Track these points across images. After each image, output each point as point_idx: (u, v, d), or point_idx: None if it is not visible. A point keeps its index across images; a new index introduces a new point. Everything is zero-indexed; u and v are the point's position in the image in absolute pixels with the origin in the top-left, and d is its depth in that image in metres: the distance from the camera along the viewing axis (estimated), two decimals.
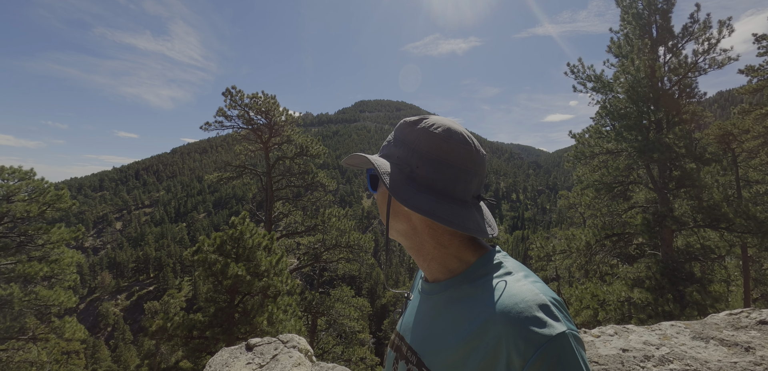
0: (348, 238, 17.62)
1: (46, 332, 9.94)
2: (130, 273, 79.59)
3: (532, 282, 0.63)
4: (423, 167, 0.70)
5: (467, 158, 0.71)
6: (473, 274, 0.69)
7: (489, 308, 0.61)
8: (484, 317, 0.60)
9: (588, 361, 0.59)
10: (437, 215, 0.67)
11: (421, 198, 0.69)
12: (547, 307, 0.57)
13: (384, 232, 0.78)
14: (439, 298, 0.73)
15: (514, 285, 0.62)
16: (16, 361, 9.16)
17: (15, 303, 9.24)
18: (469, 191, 0.71)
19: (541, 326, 0.55)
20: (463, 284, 0.69)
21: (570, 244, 10.35)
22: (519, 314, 0.57)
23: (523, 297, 0.59)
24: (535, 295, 0.59)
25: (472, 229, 0.67)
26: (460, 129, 0.73)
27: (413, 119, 0.76)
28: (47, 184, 10.81)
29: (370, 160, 0.74)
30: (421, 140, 0.71)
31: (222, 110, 13.18)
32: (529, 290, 0.60)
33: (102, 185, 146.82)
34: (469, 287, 0.68)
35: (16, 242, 10.13)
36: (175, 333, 8.58)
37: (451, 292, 0.71)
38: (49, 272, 10.04)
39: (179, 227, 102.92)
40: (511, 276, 0.65)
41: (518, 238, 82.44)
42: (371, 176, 0.81)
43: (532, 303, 0.57)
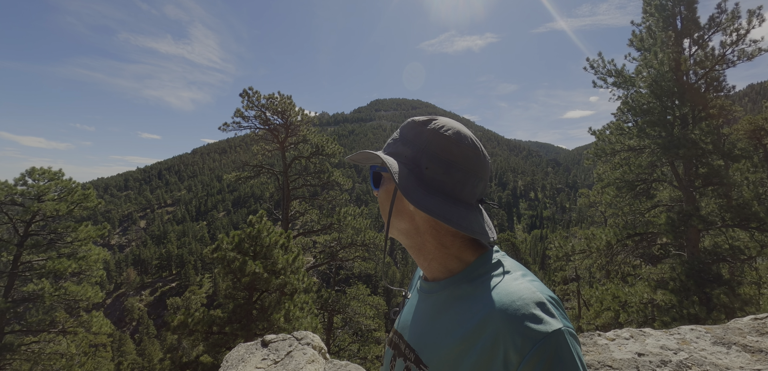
0: (363, 237, 17.70)
1: (74, 325, 10.37)
2: (153, 270, 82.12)
3: (529, 280, 0.64)
4: (432, 169, 0.71)
5: (475, 161, 0.72)
6: (472, 273, 0.70)
7: (487, 306, 0.62)
8: (481, 314, 0.61)
9: (584, 359, 0.60)
10: (448, 218, 0.68)
11: (432, 200, 0.69)
12: (543, 304, 0.58)
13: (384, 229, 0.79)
14: (438, 297, 0.74)
15: (512, 284, 0.63)
16: (48, 353, 9.60)
17: (46, 298, 9.67)
18: (475, 194, 0.73)
19: (538, 323, 0.56)
20: (462, 283, 0.70)
21: (590, 243, 10.10)
22: (516, 311, 0.58)
23: (521, 295, 0.60)
24: (532, 293, 0.60)
25: (478, 232, 0.69)
26: (468, 133, 0.75)
27: (422, 118, 0.76)
28: (75, 184, 11.26)
29: (383, 158, 0.74)
30: (431, 141, 0.72)
31: (239, 110, 13.44)
32: (526, 288, 0.61)
33: (127, 184, 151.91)
34: (468, 286, 0.69)
35: (46, 239, 10.60)
36: (195, 328, 8.81)
37: (450, 291, 0.72)
38: (77, 269, 10.47)
39: (200, 225, 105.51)
40: (509, 275, 0.66)
41: (536, 237, 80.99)
42: (374, 174, 0.81)
43: (529, 301, 0.59)
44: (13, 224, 10.23)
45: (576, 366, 0.54)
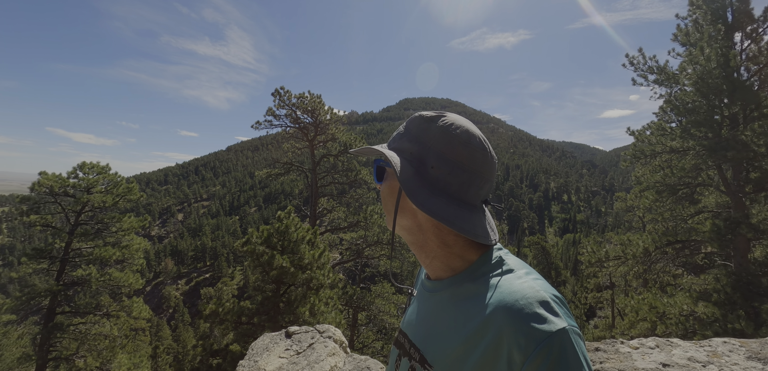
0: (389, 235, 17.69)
1: (117, 310, 11.07)
2: (189, 261, 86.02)
3: (532, 279, 0.63)
4: (438, 168, 0.70)
5: (483, 163, 0.70)
6: (475, 272, 0.70)
7: (490, 305, 0.61)
8: (485, 313, 0.61)
9: (590, 358, 0.59)
10: (451, 220, 0.67)
11: (435, 202, 0.68)
12: (547, 303, 0.58)
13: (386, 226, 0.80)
14: (441, 296, 0.73)
15: (515, 282, 0.62)
16: (93, 334, 10.32)
17: (93, 283, 10.39)
18: (480, 196, 0.72)
19: (542, 322, 0.56)
20: (465, 282, 0.70)
21: (626, 250, 9.62)
22: (520, 310, 0.57)
23: (524, 294, 0.59)
24: (535, 292, 0.59)
25: (481, 236, 0.68)
26: (477, 131, 0.73)
27: (430, 114, 0.75)
28: (120, 178, 12.01)
29: (386, 154, 0.73)
30: (439, 140, 0.71)
31: (271, 109, 13.82)
32: (530, 287, 0.61)
33: (167, 179, 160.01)
34: (471, 285, 0.68)
35: (94, 228, 11.37)
36: (225, 317, 9.18)
37: (453, 290, 0.71)
38: (120, 257, 11.16)
39: (233, 219, 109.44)
40: (513, 274, 0.65)
41: (569, 241, 77.96)
42: (378, 168, 0.80)
43: (532, 300, 0.58)
44: (66, 214, 11.04)
45: (580, 365, 0.54)
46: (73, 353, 10.08)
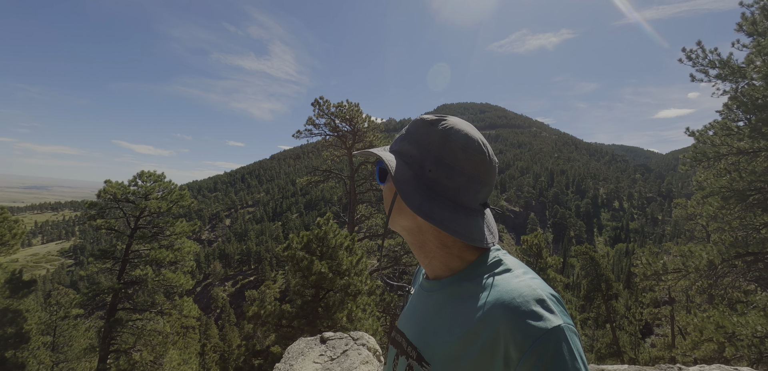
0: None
1: (170, 308, 11.83)
2: (235, 264, 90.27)
3: (530, 278, 0.65)
4: (435, 172, 0.71)
5: (480, 167, 0.72)
6: (473, 272, 0.71)
7: (488, 303, 0.63)
8: (482, 311, 0.62)
9: (585, 355, 0.60)
10: (445, 225, 0.69)
11: (430, 206, 0.70)
12: (543, 301, 0.59)
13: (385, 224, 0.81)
14: (440, 295, 0.74)
15: (513, 281, 0.64)
16: (148, 329, 11.09)
17: (149, 282, 11.18)
18: (477, 199, 0.73)
19: (538, 319, 0.57)
20: (463, 281, 0.71)
21: (687, 262, 8.80)
22: (516, 308, 0.59)
23: (521, 292, 0.61)
24: (532, 290, 0.61)
25: (476, 240, 0.70)
26: (477, 135, 0.74)
27: (431, 117, 0.76)
28: (174, 186, 12.87)
29: (383, 157, 0.75)
30: (437, 144, 0.72)
31: (311, 119, 14.23)
32: (527, 285, 0.62)
33: (216, 186, 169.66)
34: (470, 284, 0.69)
35: (151, 232, 12.26)
36: (267, 320, 9.49)
37: (451, 289, 0.73)
38: (173, 259, 11.93)
39: (276, 225, 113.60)
40: (510, 273, 0.67)
41: (621, 252, 72.77)
42: (380, 170, 0.82)
43: (529, 298, 0.60)
44: (127, 218, 12.01)
45: (575, 362, 0.55)
46: (131, 347, 10.90)
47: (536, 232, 15.44)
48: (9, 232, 8.88)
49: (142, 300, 11.65)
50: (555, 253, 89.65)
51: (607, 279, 21.45)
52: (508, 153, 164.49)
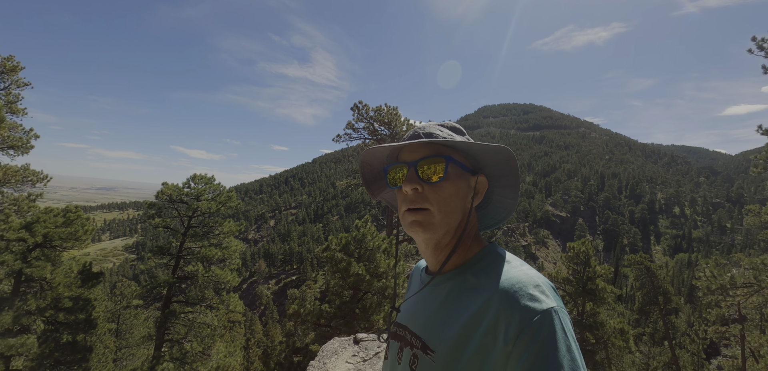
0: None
1: (218, 303, 12.52)
2: (279, 263, 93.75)
3: (527, 268, 0.73)
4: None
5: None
6: (475, 264, 0.78)
7: (489, 290, 0.69)
8: (484, 298, 0.69)
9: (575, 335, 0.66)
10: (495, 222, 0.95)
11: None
12: (539, 287, 0.67)
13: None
14: (444, 288, 0.80)
15: (511, 271, 0.71)
16: (198, 322, 11.83)
17: (199, 278, 11.92)
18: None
19: (534, 301, 0.64)
20: (467, 273, 0.77)
21: (760, 276, 7.95)
22: (515, 292, 0.66)
23: (519, 279, 0.68)
24: (529, 277, 0.69)
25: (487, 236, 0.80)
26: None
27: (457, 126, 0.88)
28: (222, 188, 13.65)
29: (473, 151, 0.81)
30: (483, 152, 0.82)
31: (350, 123, 14.50)
32: (525, 273, 0.70)
33: (261, 189, 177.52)
34: (473, 276, 0.76)
35: (201, 231, 13.07)
36: (306, 318, 9.77)
37: (455, 281, 0.78)
38: (221, 256, 12.63)
39: (317, 227, 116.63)
40: (509, 264, 0.74)
41: (682, 262, 66.75)
42: (450, 164, 0.80)
43: (527, 284, 0.67)
44: (181, 218, 12.91)
45: (567, 339, 0.61)
46: (182, 337, 11.67)
47: (584, 239, 14.58)
48: (82, 228, 9.90)
49: (194, 295, 12.44)
50: (606, 262, 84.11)
51: (665, 291, 19.78)
52: (554, 155, 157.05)
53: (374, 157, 0.91)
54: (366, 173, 0.97)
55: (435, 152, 0.79)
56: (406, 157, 0.82)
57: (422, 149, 0.80)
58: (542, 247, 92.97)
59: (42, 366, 8.97)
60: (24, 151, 8.40)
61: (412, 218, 0.78)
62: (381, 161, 0.93)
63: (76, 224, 9.74)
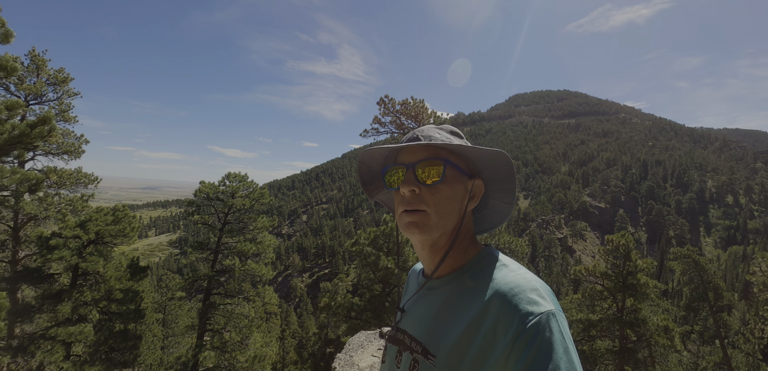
0: (498, 241, 16.87)
1: (254, 295, 13.05)
2: (312, 257, 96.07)
3: (524, 272, 0.73)
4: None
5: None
6: (472, 268, 0.79)
7: (488, 294, 0.70)
8: (483, 302, 0.69)
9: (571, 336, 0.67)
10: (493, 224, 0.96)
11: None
12: (537, 290, 0.68)
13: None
14: (442, 292, 0.80)
15: (510, 275, 0.72)
16: (236, 313, 12.41)
17: (236, 271, 12.46)
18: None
19: (532, 304, 0.65)
20: (464, 277, 0.78)
21: None
22: (514, 296, 0.67)
23: (518, 283, 0.69)
24: (527, 281, 0.69)
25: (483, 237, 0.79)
26: None
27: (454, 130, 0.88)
28: (255, 185, 14.15)
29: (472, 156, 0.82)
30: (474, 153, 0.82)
31: (377, 117, 14.53)
32: (523, 277, 0.70)
33: (293, 185, 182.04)
34: (471, 280, 0.76)
35: (237, 227, 13.64)
36: (337, 311, 9.99)
37: (454, 285, 0.79)
38: (256, 251, 13.13)
39: (348, 221, 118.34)
40: (507, 268, 0.75)
41: (736, 255, 61.94)
42: (447, 167, 0.80)
43: (525, 287, 0.68)
44: (217, 215, 13.52)
45: (564, 341, 0.62)
46: (222, 327, 12.29)
47: (624, 232, 13.87)
48: (129, 226, 10.63)
49: (232, 287, 13.03)
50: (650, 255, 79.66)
51: (716, 287, 18.49)
52: (592, 143, 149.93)
53: (372, 158, 0.92)
54: (364, 173, 0.97)
55: (433, 155, 0.79)
56: (405, 159, 0.82)
57: (420, 152, 0.80)
58: (579, 239, 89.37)
59: (98, 353, 9.75)
60: (76, 155, 9.10)
61: (408, 220, 0.78)
62: (379, 163, 0.94)
63: (124, 222, 10.47)
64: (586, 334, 13.21)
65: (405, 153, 0.83)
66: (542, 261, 74.73)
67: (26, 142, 3.20)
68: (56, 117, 9.06)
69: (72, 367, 8.76)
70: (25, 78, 8.75)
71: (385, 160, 0.93)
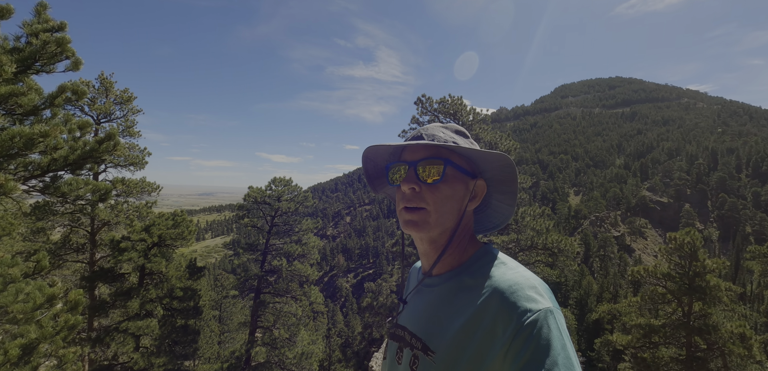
0: (545, 239, 16.18)
1: (300, 294, 13.57)
2: (356, 257, 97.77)
3: (522, 270, 0.74)
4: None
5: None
6: (471, 266, 0.80)
7: (487, 292, 0.71)
8: (482, 299, 0.71)
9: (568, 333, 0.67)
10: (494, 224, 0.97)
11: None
12: (535, 288, 0.69)
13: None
14: (441, 289, 0.81)
15: (508, 273, 0.73)
16: (285, 311, 12.99)
17: (283, 271, 13.03)
18: None
19: (530, 302, 0.66)
20: (463, 275, 0.79)
21: None
22: (512, 293, 0.68)
23: (517, 281, 0.70)
24: (526, 279, 0.71)
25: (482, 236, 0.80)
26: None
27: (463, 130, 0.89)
28: (299, 189, 14.71)
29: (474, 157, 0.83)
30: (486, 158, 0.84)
31: (415, 117, 14.50)
32: (522, 275, 0.72)
33: (337, 187, 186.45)
34: (469, 278, 0.77)
35: (283, 229, 14.25)
36: (379, 310, 10.10)
37: (452, 283, 0.80)
38: (301, 252, 13.65)
39: (390, 221, 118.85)
40: (505, 266, 0.76)
41: None
42: (447, 167, 0.82)
43: (524, 285, 0.69)
44: (265, 218, 14.22)
45: (561, 338, 0.63)
46: (271, 324, 12.91)
47: (689, 228, 12.68)
48: (186, 229, 11.52)
49: (280, 286, 13.66)
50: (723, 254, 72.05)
51: None
52: (650, 133, 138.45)
53: (377, 154, 0.93)
54: (369, 168, 0.98)
55: (435, 154, 0.81)
56: (408, 157, 0.84)
57: (423, 151, 0.82)
58: (639, 238, 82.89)
59: (163, 345, 10.64)
60: (140, 166, 10.04)
61: (408, 217, 0.80)
62: (384, 159, 0.95)
63: (182, 226, 11.35)
64: (647, 340, 12.23)
65: (408, 151, 0.85)
66: (597, 261, 70.20)
67: (96, 156, 3.62)
68: (122, 132, 10.08)
69: (141, 358, 9.64)
70: (96, 99, 9.85)
71: (390, 156, 0.94)
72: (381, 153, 0.92)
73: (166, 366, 10.06)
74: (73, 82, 3.87)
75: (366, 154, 0.93)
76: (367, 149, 0.91)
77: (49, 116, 3.38)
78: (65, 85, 3.49)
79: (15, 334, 3.54)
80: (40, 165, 3.39)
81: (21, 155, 3.03)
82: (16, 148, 2.80)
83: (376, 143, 0.88)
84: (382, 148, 0.89)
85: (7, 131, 2.74)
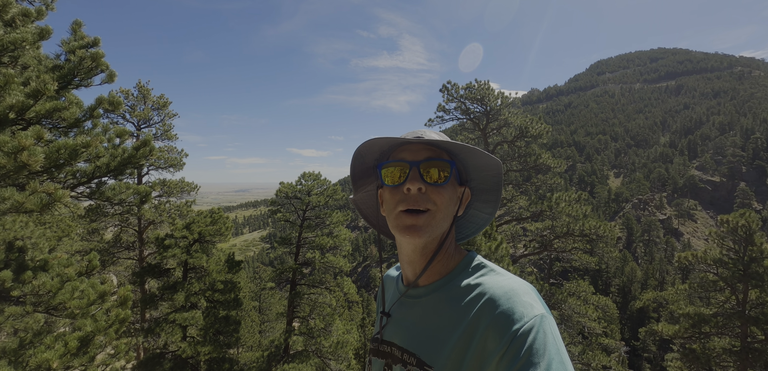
0: (582, 225, 15.56)
1: (334, 285, 13.88)
2: (388, 248, 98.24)
3: (510, 276, 0.73)
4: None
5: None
6: (460, 274, 0.78)
7: (480, 300, 0.70)
8: (476, 308, 0.70)
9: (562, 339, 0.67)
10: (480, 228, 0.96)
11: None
12: (529, 294, 0.69)
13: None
14: (430, 299, 0.79)
15: (500, 280, 0.72)
16: (320, 302, 13.37)
17: (316, 264, 13.36)
18: None
19: (524, 308, 0.66)
20: (452, 283, 0.77)
21: None
22: (506, 301, 0.67)
23: (510, 287, 0.70)
24: (519, 285, 0.70)
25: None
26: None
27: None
28: (328, 182, 14.95)
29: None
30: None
31: (440, 105, 14.30)
32: (514, 281, 0.71)
33: None
34: (460, 287, 0.75)
35: (314, 222, 14.57)
36: None
37: (442, 293, 0.78)
38: (333, 244, 13.92)
39: None
40: (495, 273, 0.75)
41: None
42: (454, 170, 0.81)
43: (517, 291, 0.69)
44: (297, 212, 14.59)
45: (555, 343, 0.64)
46: (307, 314, 13.33)
47: (744, 210, 11.71)
48: (224, 226, 12.08)
49: (314, 278, 14.05)
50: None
51: None
52: (698, 107, 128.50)
53: (369, 151, 0.85)
54: (356, 166, 0.92)
55: (437, 155, 0.79)
56: (408, 157, 0.79)
57: (425, 151, 0.79)
58: (688, 220, 77.78)
59: (207, 335, 11.28)
60: (179, 167, 10.61)
61: (410, 221, 0.75)
62: (374, 157, 0.89)
63: (220, 223, 11.89)
64: (696, 331, 11.51)
65: (408, 151, 0.80)
66: (641, 247, 66.64)
67: (134, 162, 3.90)
68: (160, 136, 10.67)
69: (188, 347, 10.27)
70: (135, 106, 10.46)
71: (380, 155, 0.88)
72: (373, 150, 0.85)
73: (211, 353, 10.66)
74: (110, 94, 4.17)
75: (359, 150, 0.85)
76: (362, 144, 0.83)
77: (91, 127, 3.68)
78: (102, 98, 3.80)
79: (74, 328, 3.90)
80: (86, 173, 3.70)
81: (68, 165, 3.31)
82: (62, 159, 3.08)
83: (372, 139, 0.80)
84: (377, 143, 0.82)
85: (54, 143, 3.02)
